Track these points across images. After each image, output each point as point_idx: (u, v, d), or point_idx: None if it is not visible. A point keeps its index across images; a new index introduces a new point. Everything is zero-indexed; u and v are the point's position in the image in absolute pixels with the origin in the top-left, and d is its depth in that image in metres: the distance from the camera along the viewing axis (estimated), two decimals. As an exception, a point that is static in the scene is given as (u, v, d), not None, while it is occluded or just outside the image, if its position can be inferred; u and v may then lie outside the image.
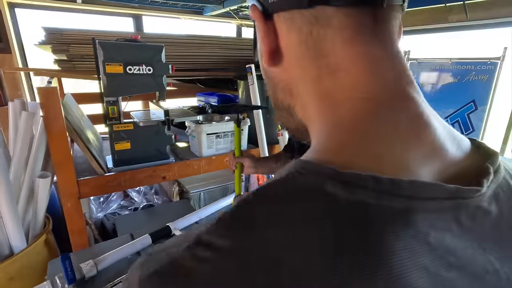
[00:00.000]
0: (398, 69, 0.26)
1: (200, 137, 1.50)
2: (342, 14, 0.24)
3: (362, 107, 0.25)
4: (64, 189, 1.15)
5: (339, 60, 0.25)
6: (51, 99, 1.05)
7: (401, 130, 0.24)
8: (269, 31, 0.27)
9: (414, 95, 0.25)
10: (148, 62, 1.27)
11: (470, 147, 0.27)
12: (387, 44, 0.25)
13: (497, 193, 0.25)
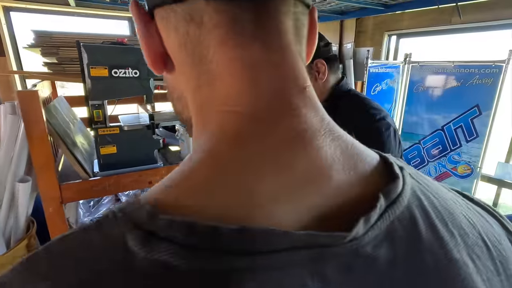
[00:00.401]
0: (285, 76, 0.21)
1: (189, 141, 1.47)
2: (212, 10, 0.20)
3: (230, 124, 0.21)
4: (45, 193, 1.13)
5: (214, 66, 0.21)
6: (31, 103, 1.04)
7: (267, 155, 0.19)
8: (150, 32, 0.23)
9: (299, 106, 0.21)
10: (135, 65, 1.25)
11: (374, 167, 0.22)
12: (273, 46, 0.21)
13: (393, 230, 0.19)
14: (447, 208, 0.23)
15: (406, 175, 0.23)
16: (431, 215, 0.21)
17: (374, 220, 0.19)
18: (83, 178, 1.24)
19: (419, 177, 0.25)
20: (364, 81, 2.02)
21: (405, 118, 2.46)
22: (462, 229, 0.22)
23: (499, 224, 0.26)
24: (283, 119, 0.21)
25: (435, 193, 0.23)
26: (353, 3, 1.77)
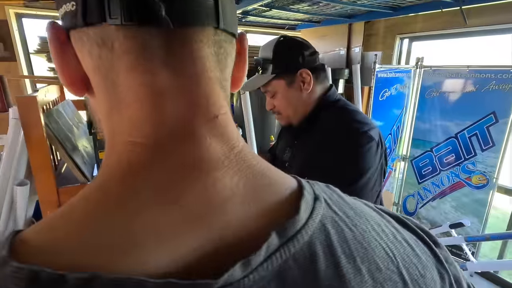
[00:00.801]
0: (193, 103, 0.21)
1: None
2: (122, 35, 0.19)
3: (129, 157, 0.20)
4: (43, 197, 1.15)
5: (123, 93, 0.20)
6: (30, 108, 1.06)
7: (156, 189, 0.18)
8: (66, 54, 0.22)
9: (203, 135, 0.20)
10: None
11: (285, 200, 0.21)
12: (185, 73, 0.21)
13: (285, 270, 0.18)
14: (361, 242, 0.21)
15: (319, 206, 0.22)
16: (337, 251, 0.20)
17: (260, 262, 0.17)
18: (82, 182, 1.26)
19: (341, 205, 0.24)
20: (372, 86, 1.96)
21: (416, 124, 2.36)
22: (374, 263, 0.21)
23: (431, 253, 0.26)
24: (181, 149, 0.20)
25: (352, 225, 0.22)
26: (359, 7, 1.72)
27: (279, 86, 0.86)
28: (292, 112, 0.89)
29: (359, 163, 0.76)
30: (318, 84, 0.86)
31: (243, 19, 2.31)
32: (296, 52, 0.83)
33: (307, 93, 0.84)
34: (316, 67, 0.84)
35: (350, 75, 1.90)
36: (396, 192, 2.60)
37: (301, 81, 0.83)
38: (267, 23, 2.56)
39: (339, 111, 0.85)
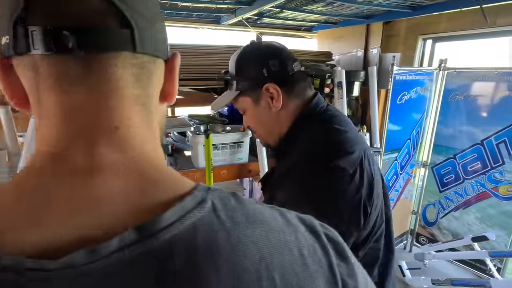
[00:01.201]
0: (97, 117, 0.25)
1: (197, 148, 1.48)
2: (46, 63, 0.24)
3: (34, 162, 0.25)
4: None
5: (45, 110, 0.25)
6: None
7: (43, 188, 0.23)
8: (10, 77, 0.26)
9: (99, 144, 0.24)
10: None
11: (163, 202, 0.24)
12: (99, 91, 0.25)
13: (139, 262, 0.21)
14: (234, 245, 0.24)
15: (197, 211, 0.24)
16: (198, 250, 0.22)
17: (110, 251, 0.21)
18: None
19: (233, 211, 0.26)
20: (389, 89, 1.88)
21: (438, 129, 2.23)
22: (241, 265, 0.23)
23: (327, 269, 0.27)
24: (75, 156, 0.24)
25: (232, 229, 0.24)
26: (376, 6, 1.65)
27: (246, 104, 0.75)
28: (265, 132, 0.78)
29: (315, 206, 0.59)
30: (292, 98, 0.72)
31: (258, 21, 2.30)
32: (260, 63, 0.70)
33: (277, 110, 0.71)
34: (287, 78, 0.71)
35: (366, 77, 1.83)
36: (416, 200, 2.47)
37: (269, 97, 0.70)
38: (283, 24, 2.54)
39: (315, 129, 0.70)
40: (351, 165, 0.62)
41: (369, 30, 2.31)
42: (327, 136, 0.68)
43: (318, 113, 0.72)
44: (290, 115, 0.72)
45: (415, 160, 2.35)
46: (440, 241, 2.25)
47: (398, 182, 2.28)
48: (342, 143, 0.65)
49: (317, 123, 0.71)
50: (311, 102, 0.73)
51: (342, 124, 0.70)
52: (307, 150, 0.68)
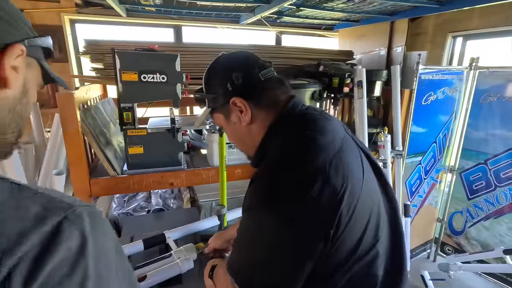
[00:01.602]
0: None
1: (212, 146, 1.48)
2: None
3: None
4: (76, 186, 1.24)
5: None
6: (67, 104, 1.15)
7: None
8: None
9: None
10: (162, 71, 1.31)
11: None
12: None
13: None
14: None
15: None
16: None
17: None
18: (111, 175, 1.34)
19: None
20: (414, 89, 1.78)
21: (467, 133, 2.09)
22: None
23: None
24: None
25: None
26: (401, 2, 1.57)
27: (220, 120, 0.74)
28: (243, 146, 0.76)
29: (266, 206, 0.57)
30: (262, 108, 0.68)
31: (278, 20, 2.28)
32: (223, 78, 0.68)
33: (247, 123, 0.68)
34: (252, 89, 0.67)
35: (389, 76, 1.75)
36: (441, 207, 2.34)
37: (238, 111, 0.68)
38: (303, 23, 2.50)
39: (285, 135, 0.64)
40: (308, 174, 0.56)
41: (393, 28, 2.21)
42: (291, 141, 0.62)
43: (293, 118, 0.66)
44: (262, 126, 0.68)
45: (441, 165, 2.22)
46: (468, 252, 2.11)
47: (422, 187, 2.16)
48: (303, 151, 0.59)
49: (290, 128, 0.65)
50: (285, 108, 0.67)
51: (318, 128, 0.63)
52: (271, 155, 0.64)
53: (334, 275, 0.60)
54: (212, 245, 1.05)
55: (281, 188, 0.56)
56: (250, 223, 0.61)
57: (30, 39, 0.38)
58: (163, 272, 0.96)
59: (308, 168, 0.56)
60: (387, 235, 0.68)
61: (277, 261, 0.57)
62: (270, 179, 0.59)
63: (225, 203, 1.25)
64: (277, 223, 0.55)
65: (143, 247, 1.13)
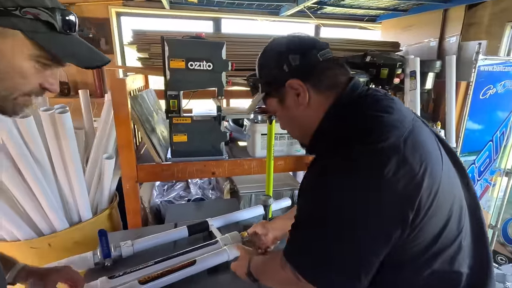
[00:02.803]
0: None
1: (255, 136, 1.45)
2: None
3: None
4: (124, 171, 1.27)
5: None
6: (119, 89, 1.18)
7: None
8: None
9: None
10: (208, 59, 1.30)
11: None
12: None
13: None
14: None
15: None
16: None
17: None
18: (156, 161, 1.36)
19: None
20: (471, 81, 1.64)
21: (529, 131, 1.90)
22: None
23: None
24: None
25: None
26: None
27: (274, 106, 0.70)
28: (298, 132, 0.72)
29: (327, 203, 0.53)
30: (321, 90, 0.63)
31: (319, 10, 2.21)
32: (280, 60, 0.64)
33: (305, 107, 0.64)
34: (311, 70, 0.63)
35: (442, 68, 1.62)
36: (494, 213, 2.14)
37: (294, 95, 0.64)
38: (344, 14, 2.40)
39: (347, 116, 0.59)
40: (380, 152, 0.51)
41: (446, 17, 2.06)
42: (357, 122, 0.57)
43: (354, 100, 0.61)
44: (321, 109, 0.63)
45: (496, 166, 2.03)
46: (526, 263, 1.92)
47: (474, 189, 1.99)
48: (371, 129, 0.54)
49: (353, 109, 0.60)
50: (344, 90, 0.62)
51: (384, 108, 0.57)
52: (334, 138, 0.58)
53: (411, 268, 0.55)
54: (254, 229, 1.03)
55: (352, 167, 0.52)
56: (317, 207, 0.56)
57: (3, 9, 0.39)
58: (211, 258, 0.95)
59: (380, 146, 0.51)
60: (469, 229, 0.61)
61: (349, 246, 0.52)
62: (337, 161, 0.54)
63: (271, 194, 1.21)
64: (351, 203, 0.51)
65: (187, 233, 1.12)
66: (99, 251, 0.95)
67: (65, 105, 1.08)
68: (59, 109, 1.04)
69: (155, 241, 1.06)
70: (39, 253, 1.11)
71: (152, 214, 1.55)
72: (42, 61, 0.45)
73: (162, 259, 0.94)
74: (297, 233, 0.60)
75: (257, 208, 1.33)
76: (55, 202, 1.15)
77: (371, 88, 0.65)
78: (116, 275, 0.86)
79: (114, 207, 1.42)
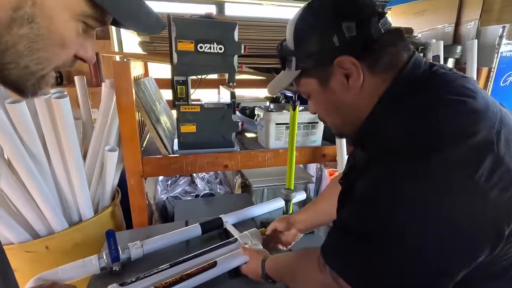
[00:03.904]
0: None
1: (269, 126, 1.35)
2: None
3: None
4: (129, 165, 1.15)
5: None
6: (123, 73, 1.05)
7: None
8: None
9: None
10: (220, 40, 1.18)
11: None
12: None
13: None
14: None
15: None
16: None
17: None
18: (163, 154, 1.24)
19: None
20: (493, 67, 1.56)
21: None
22: None
23: None
24: None
25: None
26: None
27: (311, 87, 0.56)
28: (339, 121, 0.58)
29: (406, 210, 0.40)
30: (378, 71, 0.50)
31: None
32: (328, 29, 0.49)
33: (356, 91, 0.51)
34: (370, 45, 0.48)
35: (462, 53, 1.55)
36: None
37: (343, 75, 0.50)
38: None
39: (413, 104, 0.46)
40: (469, 151, 0.39)
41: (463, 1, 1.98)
42: (430, 109, 0.44)
43: (419, 81, 0.48)
44: (375, 94, 0.50)
45: None
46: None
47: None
48: (453, 119, 0.42)
49: (421, 92, 0.47)
50: (404, 68, 0.49)
51: (462, 90, 0.45)
52: (393, 136, 0.45)
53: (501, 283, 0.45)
54: (273, 226, 0.93)
55: (432, 172, 0.39)
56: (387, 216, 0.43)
57: None
58: (232, 259, 0.85)
59: (468, 142, 0.39)
60: None
61: (424, 264, 0.40)
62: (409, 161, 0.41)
63: (292, 187, 1.11)
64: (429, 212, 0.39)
65: (201, 231, 1.02)
66: (105, 254, 0.84)
67: (63, 89, 0.95)
68: (56, 94, 0.91)
69: (167, 241, 0.96)
70: (36, 257, 0.98)
71: (158, 211, 1.44)
72: (90, 23, 0.35)
73: (178, 261, 0.84)
74: (352, 243, 0.47)
75: (273, 202, 1.24)
76: (53, 199, 1.02)
77: (435, 64, 0.52)
78: (128, 281, 0.75)
79: (117, 205, 1.30)
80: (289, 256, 0.69)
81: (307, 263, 0.58)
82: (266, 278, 0.72)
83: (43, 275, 0.78)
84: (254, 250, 0.82)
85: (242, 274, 0.83)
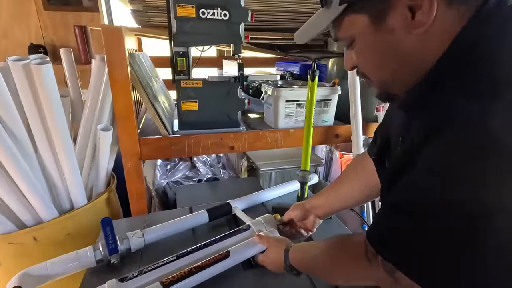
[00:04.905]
0: None
1: (278, 104, 1.23)
2: None
3: None
4: (125, 146, 1.03)
5: None
6: (115, 40, 0.92)
7: None
8: None
9: None
10: (224, 6, 1.05)
11: None
12: None
13: None
14: None
15: None
16: None
17: None
18: (163, 134, 1.12)
19: None
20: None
21: None
22: None
23: None
24: None
25: None
26: None
27: (357, 28, 0.43)
28: (390, 74, 0.45)
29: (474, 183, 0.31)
30: (452, 5, 0.37)
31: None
32: None
33: (421, 32, 0.38)
34: None
35: None
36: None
37: (406, 8, 0.38)
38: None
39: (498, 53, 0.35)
40: None
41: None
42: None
43: (508, 18, 0.36)
44: (446, 35, 0.37)
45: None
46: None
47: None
48: None
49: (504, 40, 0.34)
50: (485, 4, 0.36)
51: None
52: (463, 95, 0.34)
53: None
54: (289, 214, 0.84)
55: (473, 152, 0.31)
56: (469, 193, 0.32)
57: None
58: (247, 248, 0.75)
59: None
60: None
61: None
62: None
63: (309, 168, 1.01)
64: None
65: (208, 218, 0.92)
66: (101, 245, 0.74)
67: (44, 55, 0.81)
68: (36, 60, 0.77)
69: (171, 229, 0.86)
70: (22, 250, 0.87)
71: (158, 197, 1.33)
72: None
73: (186, 252, 0.73)
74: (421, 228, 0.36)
75: (285, 185, 1.14)
76: (39, 186, 0.91)
77: None
78: (129, 276, 0.65)
79: (112, 191, 1.19)
80: (320, 246, 0.59)
81: (349, 253, 0.48)
82: (290, 269, 0.62)
83: (30, 270, 0.68)
84: (273, 239, 0.72)
85: (258, 265, 0.74)
